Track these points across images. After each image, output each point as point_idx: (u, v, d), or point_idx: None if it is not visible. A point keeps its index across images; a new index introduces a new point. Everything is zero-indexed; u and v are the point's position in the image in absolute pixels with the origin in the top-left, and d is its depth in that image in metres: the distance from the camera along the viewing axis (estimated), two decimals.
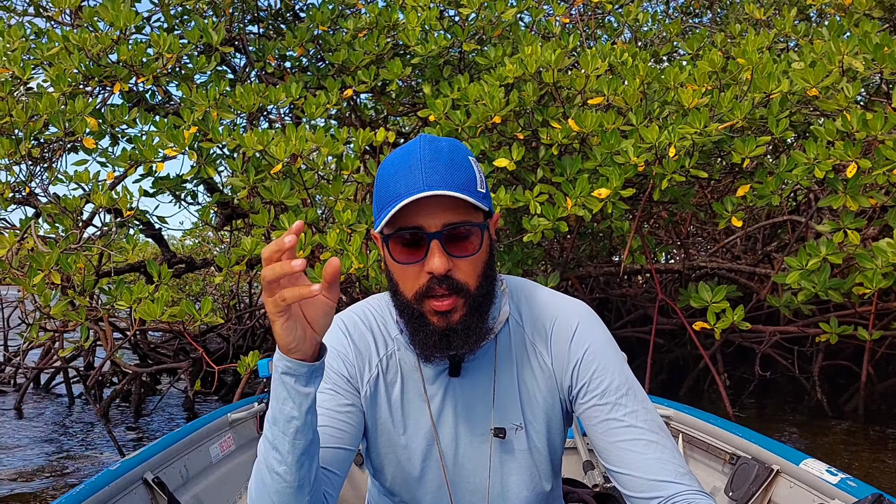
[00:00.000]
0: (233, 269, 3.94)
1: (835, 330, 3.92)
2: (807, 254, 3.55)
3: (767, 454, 2.01)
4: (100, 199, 3.73)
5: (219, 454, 2.35)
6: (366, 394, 1.24)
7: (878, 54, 3.46)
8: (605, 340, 1.24)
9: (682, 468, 1.15)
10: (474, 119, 4.00)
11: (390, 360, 1.25)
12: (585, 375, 1.21)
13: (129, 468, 1.89)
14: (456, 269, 1.10)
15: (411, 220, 1.09)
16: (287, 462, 1.03)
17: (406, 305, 1.14)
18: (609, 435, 1.17)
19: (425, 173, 1.08)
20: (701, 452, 2.33)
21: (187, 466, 2.18)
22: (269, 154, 3.80)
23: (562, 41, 4.42)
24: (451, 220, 1.09)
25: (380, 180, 1.13)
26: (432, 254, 1.08)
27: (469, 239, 1.11)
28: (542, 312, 1.25)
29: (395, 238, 1.10)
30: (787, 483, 1.92)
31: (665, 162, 3.77)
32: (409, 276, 1.12)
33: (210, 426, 2.35)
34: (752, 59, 3.87)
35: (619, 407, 1.18)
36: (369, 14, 4.55)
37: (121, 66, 4.14)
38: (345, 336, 1.25)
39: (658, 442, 1.15)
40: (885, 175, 3.31)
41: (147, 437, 5.21)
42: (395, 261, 1.12)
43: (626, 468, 1.15)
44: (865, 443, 4.72)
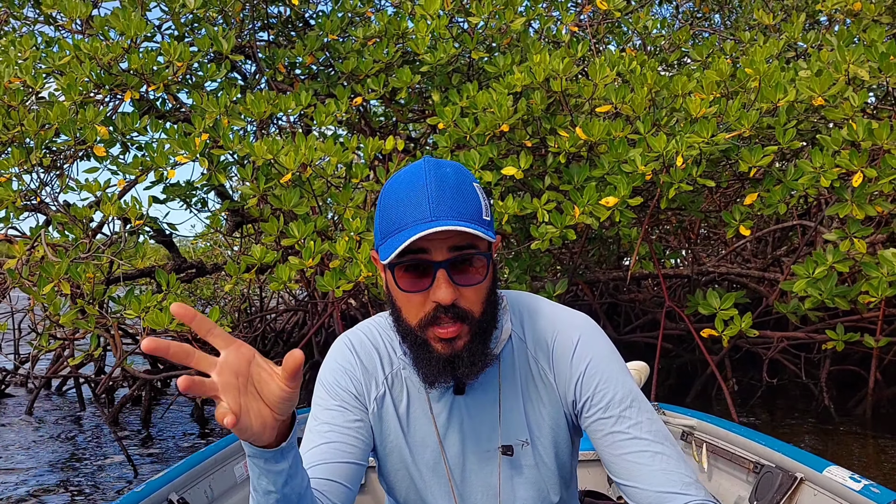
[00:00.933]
0: (242, 277, 3.95)
1: (841, 337, 3.93)
2: (813, 262, 3.56)
3: (791, 462, 2.01)
4: (109, 209, 3.75)
5: (243, 474, 2.34)
6: (373, 411, 1.25)
7: (883, 63, 3.45)
8: (607, 353, 1.23)
9: (689, 478, 1.14)
10: (483, 127, 4.01)
11: (396, 377, 1.26)
12: (588, 389, 1.21)
13: (153, 489, 1.89)
14: (461, 298, 1.10)
15: (417, 246, 1.08)
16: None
17: (409, 332, 1.15)
18: (614, 448, 1.17)
19: (432, 204, 1.07)
20: (725, 462, 2.33)
21: (212, 486, 2.18)
22: (278, 163, 3.82)
23: (570, 49, 4.42)
24: (457, 244, 1.09)
25: (384, 207, 1.13)
26: (438, 283, 1.08)
27: (474, 267, 1.11)
28: (544, 327, 1.25)
29: (401, 266, 1.10)
30: (811, 491, 1.92)
31: (672, 171, 3.77)
32: (414, 305, 1.12)
33: (234, 446, 2.34)
34: (759, 69, 3.86)
35: (623, 419, 1.18)
36: (379, 22, 4.57)
37: (131, 75, 4.16)
38: (351, 354, 1.27)
39: (663, 452, 1.15)
40: (890, 184, 3.30)
41: (157, 443, 5.24)
42: (401, 289, 1.12)
43: (632, 480, 1.15)
44: (874, 448, 4.70)
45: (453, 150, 4.20)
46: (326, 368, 1.27)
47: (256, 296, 7.97)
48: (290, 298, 7.88)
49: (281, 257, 4.04)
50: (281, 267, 3.70)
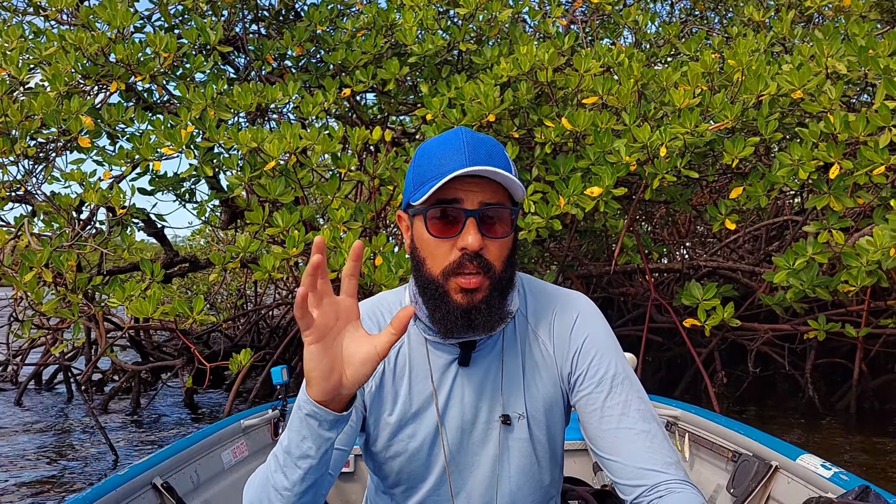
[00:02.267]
0: (227, 267, 3.95)
1: (823, 327, 3.96)
2: (794, 253, 3.57)
3: (767, 451, 2.06)
4: (91, 197, 3.75)
5: (231, 460, 2.33)
6: (371, 388, 1.25)
7: (862, 57, 3.47)
8: (604, 331, 1.27)
9: (670, 458, 1.16)
10: (470, 117, 4.01)
11: (398, 353, 1.26)
12: (584, 363, 1.23)
13: (137, 472, 1.88)
14: (486, 250, 1.13)
15: (451, 194, 1.11)
16: (293, 490, 1.06)
17: (430, 282, 1.16)
18: (602, 422, 1.19)
19: (469, 153, 1.12)
20: (706, 451, 2.37)
21: (198, 472, 2.16)
22: (263, 151, 3.82)
23: (558, 41, 4.42)
24: (487, 200, 1.12)
25: (420, 160, 1.17)
26: (468, 230, 1.11)
27: (502, 221, 1.15)
28: (545, 303, 1.29)
29: (433, 212, 1.13)
30: (785, 478, 1.97)
31: (657, 162, 3.77)
32: (441, 252, 1.14)
33: (223, 432, 2.34)
34: (742, 61, 3.88)
35: (614, 395, 1.20)
36: (367, 14, 4.57)
37: (118, 66, 4.16)
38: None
39: (649, 431, 1.17)
40: (866, 175, 3.32)
41: (145, 434, 5.24)
42: (431, 234, 1.13)
43: (615, 455, 1.17)
44: (857, 439, 4.71)
45: None
46: None
47: (252, 291, 7.97)
48: (286, 293, 7.89)
49: (267, 247, 4.04)
50: (265, 257, 3.70)
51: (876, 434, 4.82)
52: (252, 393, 5.25)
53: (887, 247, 3.32)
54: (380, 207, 4.08)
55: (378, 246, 3.80)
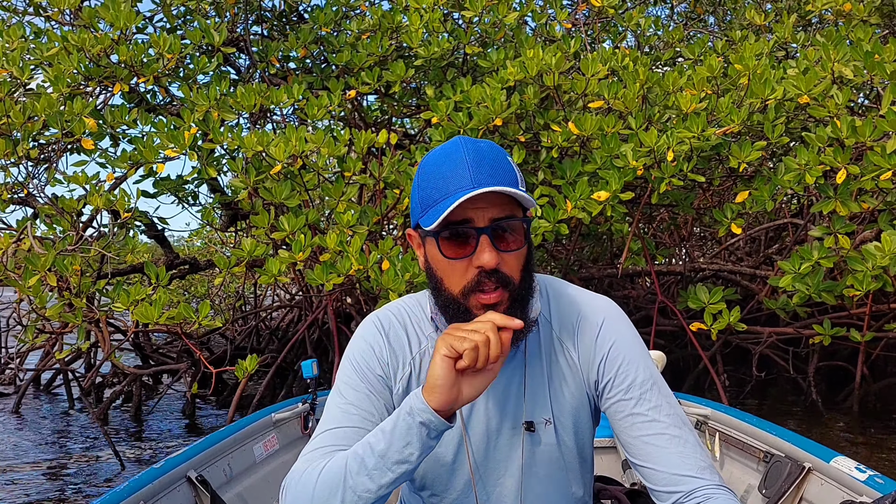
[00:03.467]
0: (232, 271, 3.92)
1: (828, 332, 3.97)
2: (799, 257, 3.58)
3: (800, 452, 2.04)
4: (96, 201, 3.72)
5: (262, 453, 2.36)
6: (398, 391, 1.25)
7: (868, 62, 3.48)
8: (630, 336, 1.25)
9: (704, 462, 1.16)
10: (476, 121, 4.00)
11: (424, 357, 1.26)
12: (611, 370, 1.22)
13: (173, 466, 1.90)
14: (503, 264, 1.13)
15: (460, 215, 1.10)
16: (377, 493, 1.06)
17: (451, 301, 1.15)
18: (633, 429, 1.18)
19: (472, 171, 1.10)
20: (737, 451, 2.35)
21: (231, 465, 2.19)
22: (268, 155, 3.80)
23: (563, 45, 4.41)
24: (497, 215, 1.11)
25: (423, 180, 1.15)
26: (482, 248, 1.10)
27: (515, 233, 1.14)
28: (569, 309, 1.27)
29: (445, 234, 1.12)
30: (818, 480, 1.95)
31: (663, 166, 3.77)
32: (457, 272, 1.13)
33: (254, 426, 2.36)
34: (748, 66, 3.88)
35: (644, 402, 1.19)
36: (373, 16, 4.55)
37: (121, 67, 4.13)
38: (380, 333, 1.27)
39: (681, 437, 1.17)
40: (873, 181, 3.33)
41: (147, 438, 5.20)
42: (445, 256, 1.13)
43: (649, 462, 1.17)
44: (860, 441, 4.73)
45: None
46: (354, 347, 1.28)
47: (251, 293, 7.93)
48: (286, 295, 7.85)
49: (272, 251, 4.01)
50: (271, 260, 3.67)
51: (878, 436, 4.84)
52: (256, 397, 5.22)
53: (895, 252, 3.33)
54: (385, 210, 4.06)
55: (384, 250, 3.78)
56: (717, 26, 7.38)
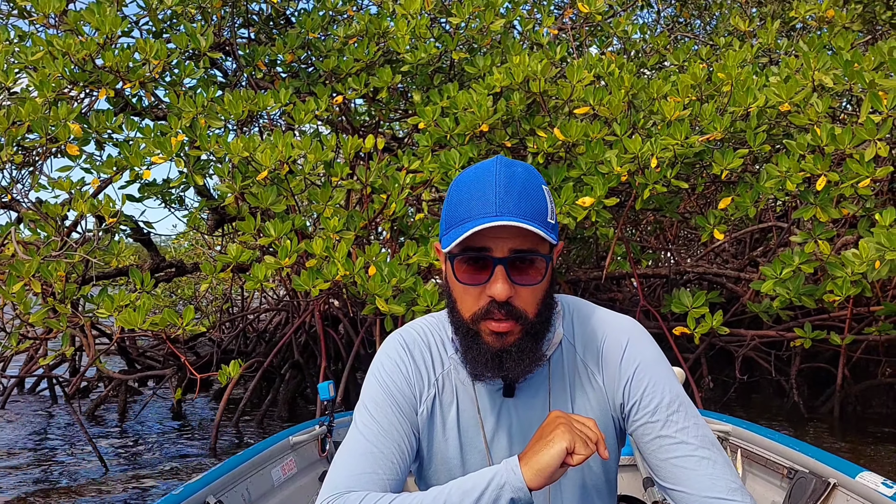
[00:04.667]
0: (218, 277, 3.92)
1: (809, 335, 4.03)
2: (781, 263, 3.63)
3: (824, 468, 2.03)
4: (81, 207, 3.70)
5: (280, 477, 2.35)
6: (422, 413, 1.24)
7: (847, 71, 3.53)
8: (655, 357, 1.24)
9: (734, 483, 1.15)
10: (463, 127, 4.02)
11: (447, 378, 1.25)
12: (637, 393, 1.21)
13: (192, 492, 1.91)
14: (517, 297, 1.11)
15: (479, 241, 1.09)
16: None
17: (462, 324, 1.15)
18: (661, 452, 1.17)
19: (499, 199, 1.08)
20: (759, 467, 2.34)
21: (249, 490, 2.19)
22: (255, 160, 3.80)
23: (549, 51, 4.44)
24: (518, 247, 1.10)
25: (452, 198, 1.15)
26: (496, 279, 1.09)
27: (534, 268, 1.12)
28: (593, 331, 1.25)
29: (461, 258, 1.12)
30: (844, 496, 1.95)
31: (647, 172, 3.81)
32: (470, 297, 1.13)
33: (272, 449, 2.35)
34: (731, 74, 3.93)
35: (671, 424, 1.18)
36: (360, 21, 4.56)
37: (106, 72, 4.11)
38: (405, 352, 1.26)
39: (710, 458, 1.15)
40: (852, 187, 3.38)
41: (133, 444, 5.18)
42: (459, 281, 1.13)
43: (678, 485, 1.15)
44: (841, 443, 4.80)
45: (434, 150, 4.20)
46: (380, 365, 1.26)
47: (238, 296, 7.91)
48: (273, 299, 7.84)
49: (258, 256, 4.01)
50: (257, 266, 3.67)
51: (859, 438, 4.91)
52: (242, 402, 5.21)
53: (873, 259, 3.38)
54: (372, 216, 4.07)
55: (371, 255, 3.79)
56: (702, 31, 7.45)
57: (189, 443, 5.15)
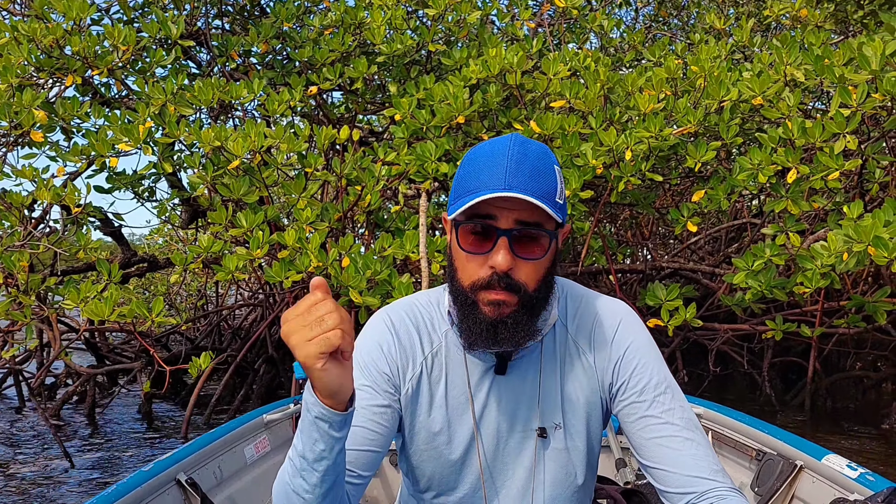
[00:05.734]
0: (189, 268, 3.86)
1: (780, 327, 4.07)
2: (752, 255, 3.67)
3: (792, 450, 2.06)
4: (45, 196, 3.62)
5: (254, 455, 2.34)
6: (407, 391, 1.24)
7: (818, 66, 3.58)
8: (645, 339, 1.26)
9: (716, 466, 1.17)
10: (439, 119, 4.00)
11: (436, 357, 1.25)
12: (626, 373, 1.23)
13: (162, 469, 1.87)
14: (517, 270, 1.12)
15: (485, 210, 1.10)
16: (314, 493, 1.04)
17: (461, 292, 1.15)
18: (646, 432, 1.19)
19: (510, 172, 1.08)
20: (729, 449, 2.37)
21: (221, 467, 2.16)
22: (226, 150, 3.74)
23: (526, 44, 4.43)
24: (524, 219, 1.10)
25: (463, 169, 1.15)
26: (498, 249, 1.10)
27: (537, 243, 1.13)
28: (586, 312, 1.27)
29: (466, 226, 1.12)
30: (809, 478, 1.97)
31: (622, 165, 3.81)
32: (471, 266, 1.13)
33: (245, 427, 2.34)
34: (704, 68, 3.96)
35: (657, 404, 1.20)
36: (335, 12, 4.51)
37: (74, 59, 4.03)
38: (390, 333, 1.25)
39: (693, 439, 1.17)
40: (822, 180, 3.42)
41: (101, 440, 5.08)
42: (462, 248, 1.13)
43: (661, 464, 1.17)
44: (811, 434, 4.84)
45: (410, 142, 4.18)
46: (361, 344, 1.25)
47: (213, 291, 7.81)
48: (249, 294, 7.75)
49: (231, 248, 3.95)
50: (228, 257, 3.62)
51: (829, 429, 4.97)
52: (214, 396, 5.13)
53: (841, 251, 3.41)
54: (347, 208, 4.03)
55: (345, 247, 3.75)
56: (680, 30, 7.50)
57: (158, 439, 5.06)
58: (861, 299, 3.97)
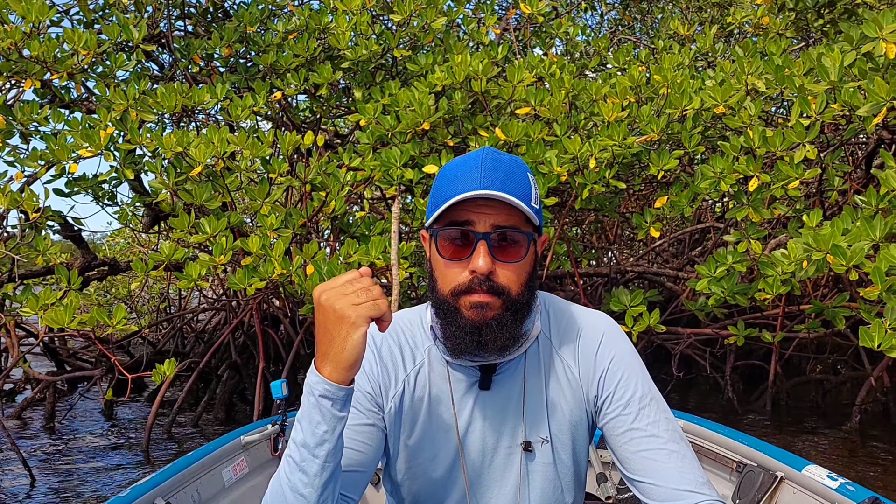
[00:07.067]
0: (150, 275, 3.80)
1: (742, 332, 4.14)
2: (715, 261, 3.72)
3: (772, 461, 2.07)
4: (1, 201, 3.55)
5: (232, 478, 2.30)
6: (390, 410, 1.23)
7: (778, 75, 3.65)
8: (629, 351, 1.26)
9: (702, 478, 1.17)
10: (404, 125, 3.99)
11: (418, 374, 1.24)
12: (611, 385, 1.22)
13: (139, 494, 1.84)
14: (498, 273, 1.12)
15: (463, 216, 1.11)
16: (314, 484, 1.04)
17: (442, 301, 1.15)
18: (632, 444, 1.19)
19: (484, 177, 1.11)
20: (709, 461, 2.36)
21: (199, 491, 2.13)
22: (189, 156, 3.70)
23: (492, 51, 4.46)
24: (501, 223, 1.11)
25: (438, 181, 1.17)
26: (478, 253, 1.10)
27: (516, 245, 1.13)
28: (569, 325, 1.27)
29: (444, 233, 1.13)
30: (790, 489, 1.98)
31: (586, 172, 3.85)
32: (452, 273, 1.13)
33: (223, 449, 2.30)
34: (667, 77, 4.01)
35: (642, 417, 1.20)
36: (300, 17, 4.48)
37: (33, 62, 3.94)
38: (371, 351, 1.24)
39: (679, 452, 1.18)
40: (783, 189, 3.49)
41: (61, 450, 4.98)
42: (441, 256, 1.13)
43: (647, 477, 1.17)
44: (773, 437, 4.95)
45: (375, 148, 4.17)
46: None
47: (176, 296, 7.70)
48: (212, 299, 7.66)
49: (192, 253, 3.91)
50: (191, 264, 3.58)
51: (790, 431, 5.07)
52: (176, 403, 5.07)
53: (800, 259, 3.49)
54: (311, 213, 4.01)
55: (309, 254, 3.73)
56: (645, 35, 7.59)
57: (121, 446, 4.98)
58: (820, 305, 4.06)
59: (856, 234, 3.10)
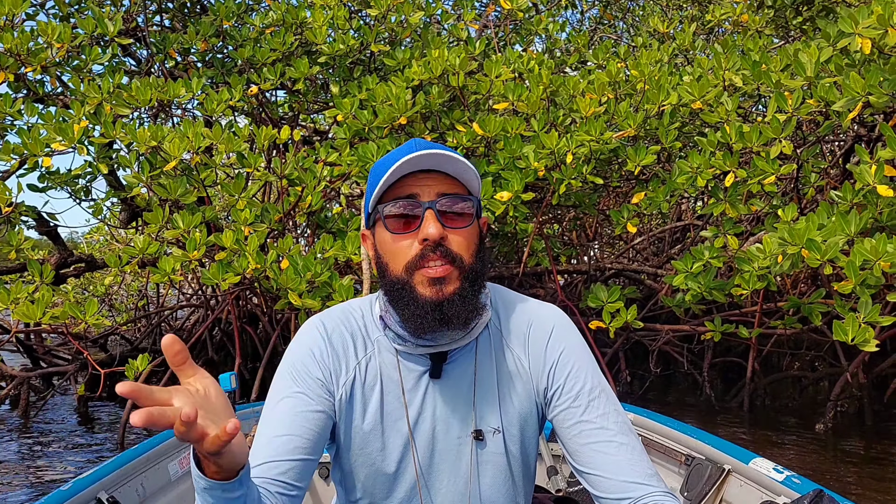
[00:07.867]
0: (124, 269, 3.77)
1: (719, 328, 4.15)
2: (692, 257, 3.73)
3: (720, 454, 2.09)
4: None
5: (178, 471, 2.27)
6: (341, 397, 1.21)
7: (755, 71, 3.66)
8: (579, 344, 1.26)
9: (650, 470, 1.17)
10: (381, 119, 3.98)
11: (369, 362, 1.23)
12: (560, 378, 1.22)
13: (82, 487, 1.80)
14: (448, 240, 1.12)
15: (406, 190, 1.13)
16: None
17: (396, 281, 1.14)
18: (581, 437, 1.18)
19: (419, 147, 1.14)
20: (658, 454, 2.38)
21: (144, 485, 2.09)
22: (163, 150, 3.66)
23: (470, 46, 4.45)
24: (445, 191, 1.13)
25: (372, 173, 1.18)
26: (427, 222, 1.11)
27: (462, 212, 1.15)
28: (519, 316, 1.27)
29: (391, 209, 1.13)
30: (737, 482, 2.01)
31: (563, 168, 3.85)
32: (402, 248, 1.13)
33: (169, 443, 2.26)
34: (644, 73, 4.02)
35: (592, 409, 1.19)
36: (276, 11, 4.46)
37: (6, 55, 3.89)
38: (322, 338, 1.23)
39: (628, 444, 1.18)
40: (759, 184, 3.50)
41: (35, 445, 4.93)
42: (390, 231, 1.13)
43: (597, 469, 1.16)
44: (750, 433, 4.98)
45: (352, 143, 4.15)
46: (293, 351, 1.23)
47: (153, 292, 7.63)
48: (189, 295, 7.60)
49: (169, 249, 3.87)
50: (164, 259, 3.54)
51: (767, 428, 5.10)
52: None
53: (776, 253, 3.51)
54: (288, 208, 3.99)
55: (284, 249, 3.71)
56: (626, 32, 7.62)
57: (95, 443, 4.93)
58: (797, 301, 4.08)
59: (831, 228, 3.11)
